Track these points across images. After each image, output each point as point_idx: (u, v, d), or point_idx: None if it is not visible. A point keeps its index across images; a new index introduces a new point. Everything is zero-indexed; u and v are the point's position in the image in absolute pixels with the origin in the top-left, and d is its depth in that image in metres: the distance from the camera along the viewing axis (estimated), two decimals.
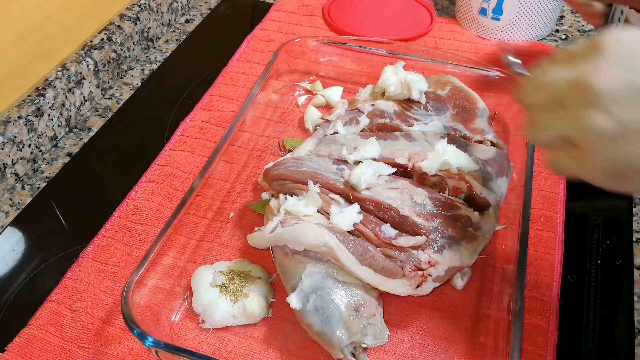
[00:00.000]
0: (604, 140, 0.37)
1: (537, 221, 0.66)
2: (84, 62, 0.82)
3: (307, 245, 0.55)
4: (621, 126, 0.36)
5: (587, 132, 0.38)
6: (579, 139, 0.39)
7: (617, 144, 0.37)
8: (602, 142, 0.37)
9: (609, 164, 0.38)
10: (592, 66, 0.38)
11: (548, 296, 0.59)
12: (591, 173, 0.39)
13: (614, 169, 0.38)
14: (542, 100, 0.41)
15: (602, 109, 0.37)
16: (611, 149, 0.37)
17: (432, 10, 0.99)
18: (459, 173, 0.60)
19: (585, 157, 0.39)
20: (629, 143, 0.37)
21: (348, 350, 0.53)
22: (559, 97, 0.40)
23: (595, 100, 0.37)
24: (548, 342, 0.56)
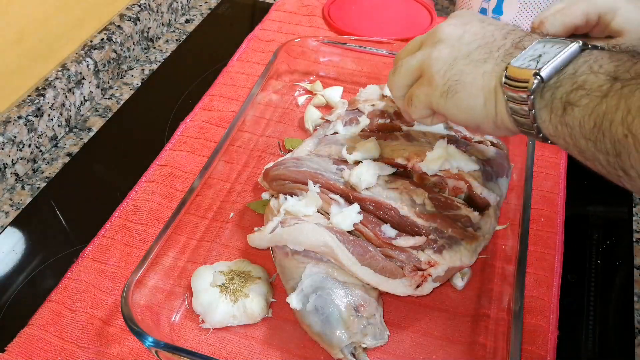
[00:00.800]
0: (442, 63, 0.47)
1: (537, 221, 0.66)
2: (84, 62, 0.82)
3: (307, 245, 0.55)
4: (455, 50, 0.47)
5: (432, 59, 0.48)
6: (426, 67, 0.48)
7: (450, 65, 0.46)
8: (441, 64, 0.47)
9: (444, 82, 0.46)
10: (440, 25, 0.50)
11: (548, 296, 0.59)
12: (433, 95, 0.48)
13: (447, 87, 0.46)
14: (406, 52, 0.53)
15: (442, 42, 0.48)
16: (446, 69, 0.47)
17: (432, 10, 0.99)
18: (459, 173, 0.60)
19: (429, 82, 0.48)
20: (458, 62, 0.46)
21: (348, 351, 0.53)
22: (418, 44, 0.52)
23: (438, 37, 0.49)
24: (548, 342, 0.56)
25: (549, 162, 0.72)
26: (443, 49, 0.47)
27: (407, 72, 0.51)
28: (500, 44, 0.45)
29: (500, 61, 0.44)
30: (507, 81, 0.42)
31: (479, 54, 0.46)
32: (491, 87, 0.44)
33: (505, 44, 0.45)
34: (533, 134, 0.43)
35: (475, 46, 0.46)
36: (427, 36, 0.51)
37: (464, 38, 0.47)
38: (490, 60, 0.45)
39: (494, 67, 0.44)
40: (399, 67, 0.52)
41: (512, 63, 0.42)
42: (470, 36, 0.47)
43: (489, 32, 0.47)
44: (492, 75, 0.44)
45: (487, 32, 0.47)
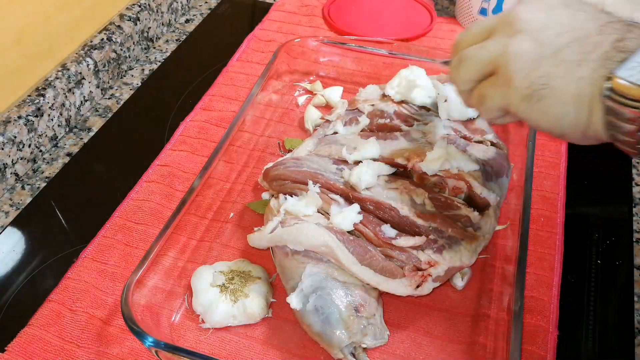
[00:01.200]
0: (524, 62, 0.40)
1: (537, 221, 0.66)
2: (84, 62, 0.82)
3: (307, 246, 0.55)
4: (540, 45, 0.39)
5: (511, 55, 0.40)
6: (502, 63, 0.41)
7: (534, 64, 0.39)
8: (522, 63, 0.40)
9: (527, 84, 0.40)
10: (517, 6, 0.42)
11: (548, 296, 0.59)
12: (511, 98, 0.41)
13: (531, 90, 0.39)
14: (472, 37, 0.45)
15: (522, 32, 0.40)
16: (529, 69, 0.39)
17: (432, 10, 0.99)
18: (459, 173, 0.60)
19: (506, 83, 0.41)
20: (544, 62, 0.39)
21: (348, 350, 0.53)
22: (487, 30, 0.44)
23: (517, 25, 0.41)
24: (548, 342, 0.56)
25: (549, 162, 0.72)
26: (524, 43, 0.40)
27: (477, 66, 0.43)
28: (596, 42, 0.38)
29: (599, 66, 0.37)
30: (611, 95, 0.36)
31: (571, 54, 0.38)
32: (587, 96, 0.37)
33: (602, 42, 0.38)
34: (635, 153, 0.37)
35: (564, 42, 0.39)
36: (500, 21, 0.43)
37: (549, 29, 0.40)
38: (585, 64, 0.38)
39: (591, 73, 0.37)
40: (465, 59, 0.44)
41: (618, 73, 0.36)
42: (556, 27, 0.39)
43: (579, 22, 0.39)
44: (589, 82, 0.37)
45: (578, 23, 0.39)
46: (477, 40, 0.44)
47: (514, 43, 0.40)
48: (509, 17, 0.42)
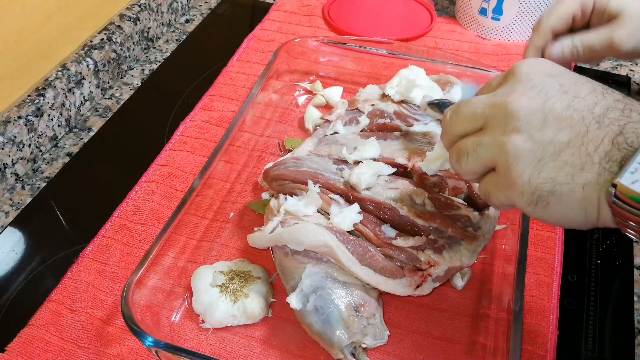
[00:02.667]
0: (525, 165, 0.38)
1: (537, 221, 0.66)
2: (84, 62, 0.82)
3: (307, 246, 0.55)
4: (538, 147, 0.37)
5: (510, 157, 0.38)
6: (502, 164, 0.39)
7: (536, 168, 0.37)
8: (523, 166, 0.38)
9: (531, 190, 0.38)
10: (508, 90, 0.39)
11: (548, 296, 0.59)
12: (516, 201, 0.39)
13: (537, 197, 0.38)
14: (464, 129, 0.42)
15: (519, 131, 0.38)
16: (531, 173, 0.38)
17: (432, 10, 0.99)
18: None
19: (509, 186, 0.39)
20: (545, 165, 0.37)
21: (348, 350, 0.53)
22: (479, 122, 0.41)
23: (513, 122, 0.38)
24: (548, 342, 0.56)
25: None
26: (521, 143, 0.38)
27: (477, 163, 0.41)
28: (596, 138, 0.36)
29: (602, 169, 0.36)
30: (617, 202, 0.35)
31: (573, 156, 0.37)
32: (594, 200, 0.36)
33: (602, 138, 0.36)
34: None
35: (564, 140, 0.37)
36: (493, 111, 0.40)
37: (548, 126, 0.37)
38: (589, 168, 0.36)
39: (596, 178, 0.36)
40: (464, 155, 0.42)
41: (620, 181, 0.34)
42: (555, 123, 0.37)
43: (578, 115, 0.37)
44: (594, 189, 0.36)
45: (576, 116, 0.37)
46: (469, 128, 0.42)
47: (512, 143, 0.38)
48: (503, 108, 0.39)
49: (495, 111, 0.40)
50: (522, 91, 0.39)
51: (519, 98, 0.38)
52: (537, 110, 0.38)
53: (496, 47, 0.92)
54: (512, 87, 0.40)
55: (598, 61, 0.80)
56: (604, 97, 0.38)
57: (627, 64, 0.90)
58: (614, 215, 0.36)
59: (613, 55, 0.58)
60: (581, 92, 0.38)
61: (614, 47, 0.57)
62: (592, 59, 0.59)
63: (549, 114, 0.37)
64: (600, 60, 0.71)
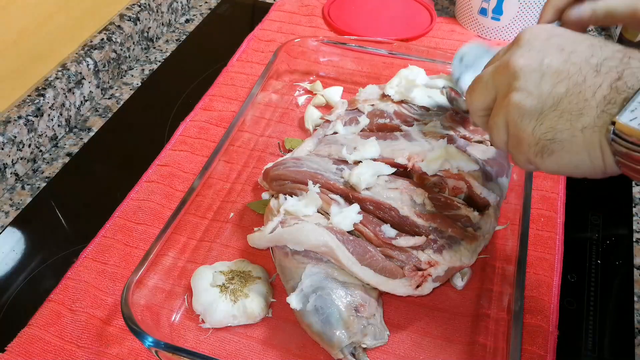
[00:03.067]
0: (528, 120, 0.40)
1: (537, 221, 0.66)
2: (84, 62, 0.82)
3: (307, 246, 0.55)
4: (539, 101, 0.39)
5: (513, 114, 0.41)
6: (511, 124, 0.41)
7: (538, 120, 0.39)
8: (527, 121, 0.40)
9: (535, 141, 0.40)
10: (509, 54, 0.42)
11: (548, 296, 0.59)
12: (528, 156, 0.41)
13: (541, 146, 0.40)
14: (484, 103, 0.45)
15: (520, 89, 0.40)
16: (534, 126, 0.40)
17: (432, 10, 0.99)
18: (459, 173, 0.60)
19: (519, 143, 0.41)
20: (546, 116, 0.39)
21: (348, 350, 0.53)
22: (492, 92, 0.44)
23: (514, 83, 0.40)
24: (548, 342, 0.56)
25: None
26: (522, 100, 0.40)
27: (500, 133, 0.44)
28: (594, 85, 0.37)
29: (601, 112, 0.37)
30: (616, 139, 0.36)
31: (571, 104, 0.38)
32: (595, 143, 0.37)
33: (600, 84, 0.37)
34: None
35: (562, 90, 0.38)
36: (497, 75, 0.43)
37: (546, 80, 0.39)
38: (587, 112, 0.37)
39: (594, 121, 0.37)
40: (492, 129, 0.44)
41: (620, 119, 0.35)
42: (552, 77, 0.39)
43: (574, 67, 0.38)
44: (593, 130, 0.37)
45: (573, 68, 0.38)
46: (487, 100, 0.45)
47: (514, 102, 0.40)
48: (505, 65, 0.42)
49: (499, 76, 0.42)
50: (521, 53, 0.41)
51: (518, 59, 0.41)
52: (535, 69, 0.40)
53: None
54: (513, 51, 0.42)
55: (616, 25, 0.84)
56: (602, 49, 0.39)
57: None
58: (614, 155, 0.37)
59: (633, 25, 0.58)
60: (579, 47, 0.39)
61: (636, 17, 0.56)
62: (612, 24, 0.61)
63: (546, 70, 0.39)
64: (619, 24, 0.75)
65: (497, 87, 0.43)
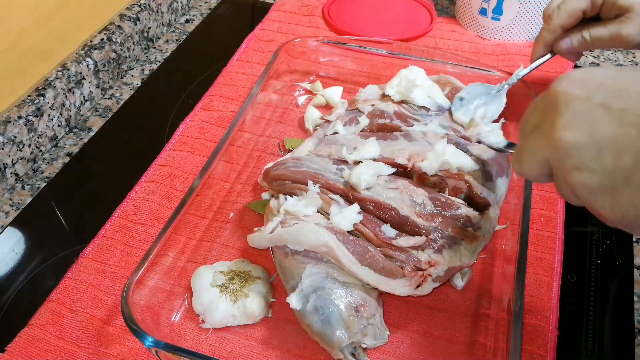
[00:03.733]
0: (600, 197, 0.36)
1: (537, 221, 0.66)
2: (84, 62, 0.82)
3: (307, 246, 0.55)
4: (606, 178, 0.35)
5: (582, 194, 0.36)
6: (585, 202, 0.37)
7: (613, 198, 0.35)
8: (599, 199, 0.36)
9: (619, 219, 0.36)
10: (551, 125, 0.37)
11: (548, 296, 0.59)
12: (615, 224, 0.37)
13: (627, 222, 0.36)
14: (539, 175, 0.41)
15: (580, 169, 0.36)
16: (611, 205, 0.35)
17: (432, 10, 0.99)
18: (459, 173, 0.60)
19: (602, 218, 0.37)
20: (622, 193, 0.35)
21: (348, 350, 0.53)
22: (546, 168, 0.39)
23: (569, 162, 0.36)
24: (548, 342, 0.56)
25: None
26: (586, 180, 0.35)
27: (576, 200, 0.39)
28: None
29: None
30: None
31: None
32: None
33: None
34: None
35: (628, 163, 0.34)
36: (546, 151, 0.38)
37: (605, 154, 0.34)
38: None
39: None
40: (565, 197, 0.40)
41: None
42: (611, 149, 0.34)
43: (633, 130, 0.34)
44: None
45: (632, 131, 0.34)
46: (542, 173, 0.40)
47: (579, 184, 0.36)
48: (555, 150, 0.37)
49: (550, 154, 0.38)
50: (565, 125, 0.36)
51: (564, 134, 0.36)
52: (588, 143, 0.35)
53: (496, 47, 0.92)
54: (554, 121, 0.37)
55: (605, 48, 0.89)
56: None
57: (627, 63, 0.90)
58: None
59: (621, 47, 0.63)
60: (629, 101, 0.35)
61: (622, 41, 0.61)
62: (601, 47, 0.64)
63: (601, 142, 0.35)
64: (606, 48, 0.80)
65: (550, 161, 0.38)
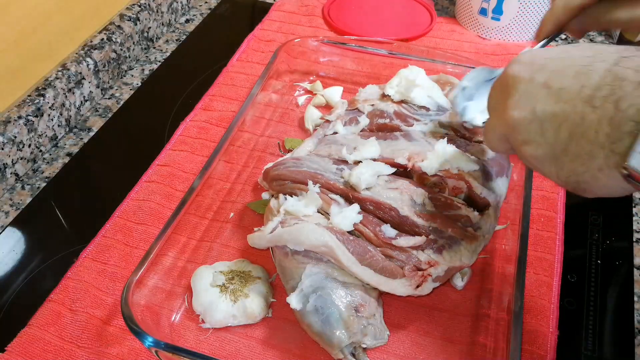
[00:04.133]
0: (546, 165, 0.40)
1: (537, 221, 0.66)
2: (84, 62, 0.82)
3: (307, 246, 0.55)
4: (549, 148, 0.39)
5: (533, 164, 0.41)
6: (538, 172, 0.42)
7: (556, 166, 0.39)
8: (546, 166, 0.40)
9: (563, 183, 0.39)
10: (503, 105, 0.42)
11: (548, 296, 0.59)
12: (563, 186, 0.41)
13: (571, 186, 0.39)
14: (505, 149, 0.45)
15: (527, 143, 0.40)
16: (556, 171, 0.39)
17: (432, 10, 0.99)
18: (459, 173, 0.60)
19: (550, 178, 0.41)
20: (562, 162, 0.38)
21: (348, 351, 0.53)
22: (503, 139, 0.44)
23: (519, 137, 0.41)
24: (548, 342, 0.56)
25: None
26: (534, 151, 0.40)
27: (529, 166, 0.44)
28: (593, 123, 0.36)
29: (610, 152, 0.36)
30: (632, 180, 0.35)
31: (578, 147, 0.37)
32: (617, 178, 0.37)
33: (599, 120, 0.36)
34: None
35: (565, 135, 0.38)
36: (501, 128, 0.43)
37: (546, 128, 0.38)
38: (596, 154, 0.36)
39: (606, 162, 0.36)
40: None
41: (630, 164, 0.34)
42: (551, 123, 0.38)
43: (569, 106, 0.37)
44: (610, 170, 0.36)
45: (568, 108, 0.37)
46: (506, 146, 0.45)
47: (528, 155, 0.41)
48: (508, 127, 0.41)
49: (505, 130, 0.42)
50: (512, 104, 0.41)
51: (513, 113, 0.40)
52: (532, 120, 0.39)
53: (496, 47, 0.92)
54: (506, 102, 0.41)
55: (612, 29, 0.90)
56: (589, 76, 0.37)
57: None
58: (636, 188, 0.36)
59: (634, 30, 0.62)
60: (565, 80, 0.38)
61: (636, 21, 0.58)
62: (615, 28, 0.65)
63: (542, 117, 0.39)
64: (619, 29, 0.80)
65: (506, 136, 0.43)
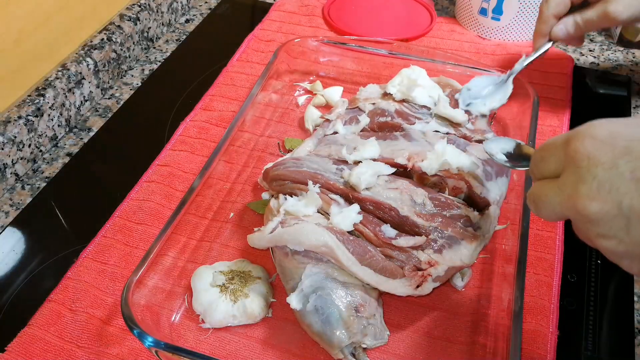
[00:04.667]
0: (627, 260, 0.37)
1: (537, 221, 0.66)
2: (84, 62, 0.82)
3: (307, 246, 0.55)
4: (633, 246, 0.35)
5: (610, 257, 0.37)
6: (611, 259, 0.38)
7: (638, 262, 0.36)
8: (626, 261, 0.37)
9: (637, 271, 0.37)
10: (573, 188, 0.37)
11: (548, 296, 0.59)
12: None
13: None
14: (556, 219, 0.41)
15: (607, 237, 0.36)
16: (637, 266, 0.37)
17: (432, 10, 0.99)
18: (459, 173, 0.60)
19: None
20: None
21: (348, 351, 0.53)
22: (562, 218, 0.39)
23: (595, 230, 0.36)
24: (548, 342, 0.56)
25: None
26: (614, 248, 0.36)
27: None
28: None
29: None
30: None
31: None
32: None
33: None
34: None
35: None
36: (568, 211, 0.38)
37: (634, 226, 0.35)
38: None
39: None
40: None
41: None
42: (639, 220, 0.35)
43: None
44: None
45: None
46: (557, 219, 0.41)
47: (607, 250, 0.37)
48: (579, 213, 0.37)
49: (573, 215, 0.38)
50: (589, 194, 0.36)
51: (589, 204, 0.36)
52: (616, 215, 0.35)
53: (496, 47, 0.92)
54: (577, 187, 0.36)
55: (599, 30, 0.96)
56: None
57: (627, 63, 0.90)
58: None
59: (611, 24, 0.67)
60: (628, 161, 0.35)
61: (610, 18, 0.65)
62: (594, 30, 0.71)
63: (630, 214, 0.35)
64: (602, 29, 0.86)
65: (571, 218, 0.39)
